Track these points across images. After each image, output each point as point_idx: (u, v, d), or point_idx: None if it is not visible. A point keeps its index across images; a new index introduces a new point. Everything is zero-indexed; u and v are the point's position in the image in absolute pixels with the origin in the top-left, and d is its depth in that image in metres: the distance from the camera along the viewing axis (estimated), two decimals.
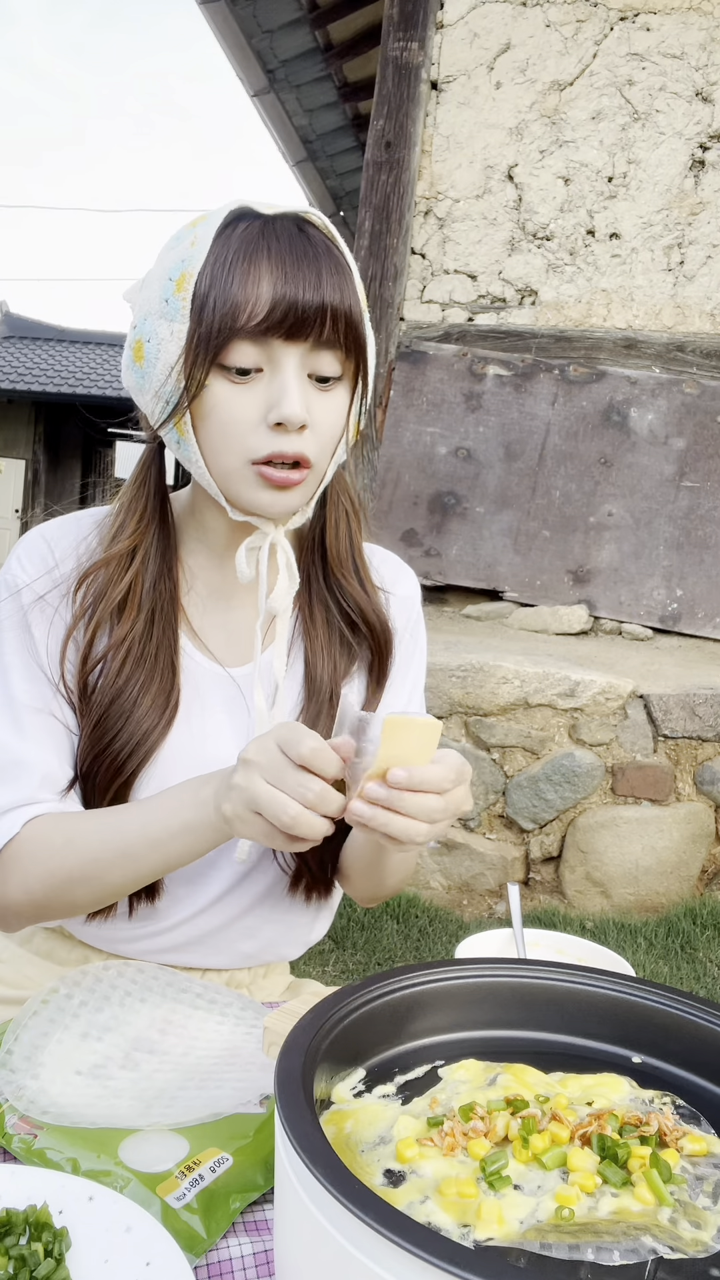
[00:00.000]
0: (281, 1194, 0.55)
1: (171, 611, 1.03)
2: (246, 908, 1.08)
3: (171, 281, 0.91)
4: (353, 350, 0.93)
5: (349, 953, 3.08)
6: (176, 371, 0.91)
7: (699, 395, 4.34)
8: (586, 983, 0.77)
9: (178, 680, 1.02)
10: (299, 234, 0.90)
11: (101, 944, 1.09)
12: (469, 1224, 0.55)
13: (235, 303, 0.87)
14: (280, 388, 0.90)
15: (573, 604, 4.43)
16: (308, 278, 0.88)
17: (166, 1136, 0.76)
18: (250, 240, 0.88)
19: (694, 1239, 0.56)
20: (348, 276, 0.91)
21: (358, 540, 1.09)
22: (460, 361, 4.57)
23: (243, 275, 0.87)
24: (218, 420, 0.91)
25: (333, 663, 1.07)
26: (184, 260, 0.90)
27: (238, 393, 0.91)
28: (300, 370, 0.91)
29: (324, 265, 0.89)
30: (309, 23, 5.70)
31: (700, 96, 4.33)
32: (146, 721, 0.99)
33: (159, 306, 0.92)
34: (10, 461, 16.09)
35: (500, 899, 3.48)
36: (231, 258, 0.88)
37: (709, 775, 3.50)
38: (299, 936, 1.15)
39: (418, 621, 1.18)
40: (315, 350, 0.91)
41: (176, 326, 0.90)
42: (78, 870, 0.95)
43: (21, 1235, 0.65)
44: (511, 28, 4.47)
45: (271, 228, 0.89)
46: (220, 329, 0.88)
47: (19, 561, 1.03)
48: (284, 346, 0.90)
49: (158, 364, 0.92)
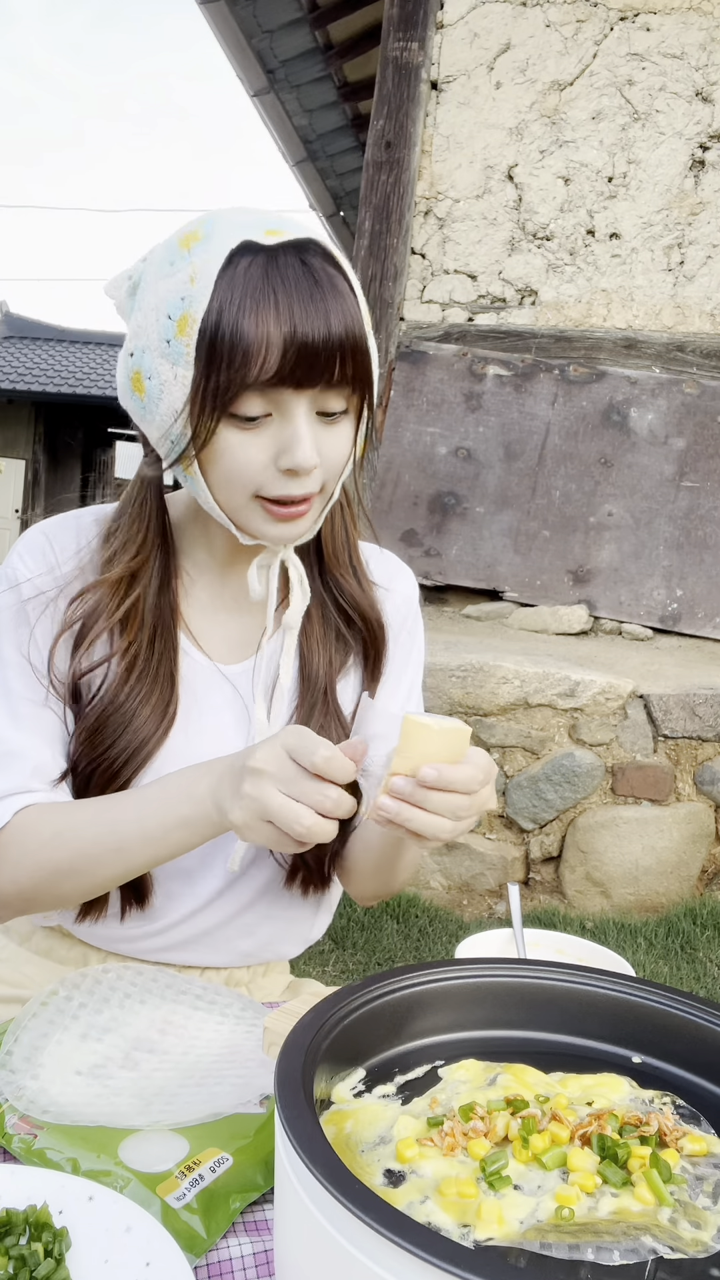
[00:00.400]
0: (281, 1194, 0.55)
1: (172, 625, 1.03)
2: (244, 905, 1.08)
3: (172, 321, 0.87)
4: (360, 383, 0.92)
5: (349, 953, 3.08)
6: (183, 419, 0.89)
7: (699, 395, 4.34)
8: (586, 983, 0.77)
9: (177, 690, 1.03)
10: (303, 269, 0.87)
11: (100, 943, 1.09)
12: (469, 1224, 0.55)
13: (245, 353, 0.85)
14: (292, 436, 0.89)
15: (573, 604, 4.43)
16: (316, 319, 0.86)
17: (166, 1136, 0.76)
18: (255, 281, 0.85)
19: (694, 1239, 0.56)
20: (352, 304, 0.89)
21: (353, 535, 1.10)
22: (460, 361, 4.57)
23: (250, 322, 0.84)
24: (226, 465, 0.91)
25: (327, 658, 1.08)
26: (184, 299, 0.87)
27: (247, 439, 0.89)
28: (310, 414, 0.90)
29: (330, 301, 0.87)
30: (309, 23, 5.70)
31: (700, 96, 4.33)
32: (144, 730, 1.00)
33: (159, 345, 0.89)
34: (10, 461, 16.09)
35: (500, 899, 3.48)
36: (237, 302, 0.85)
37: (709, 775, 3.50)
38: (298, 933, 1.15)
39: (415, 620, 1.18)
40: (325, 392, 0.90)
41: (180, 371, 0.88)
42: (67, 863, 0.95)
43: (21, 1235, 0.66)
44: (511, 28, 4.47)
45: (275, 265, 0.86)
46: (230, 382, 0.86)
47: (20, 557, 1.03)
48: (294, 394, 0.88)
49: (161, 404, 0.90)
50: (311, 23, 5.69)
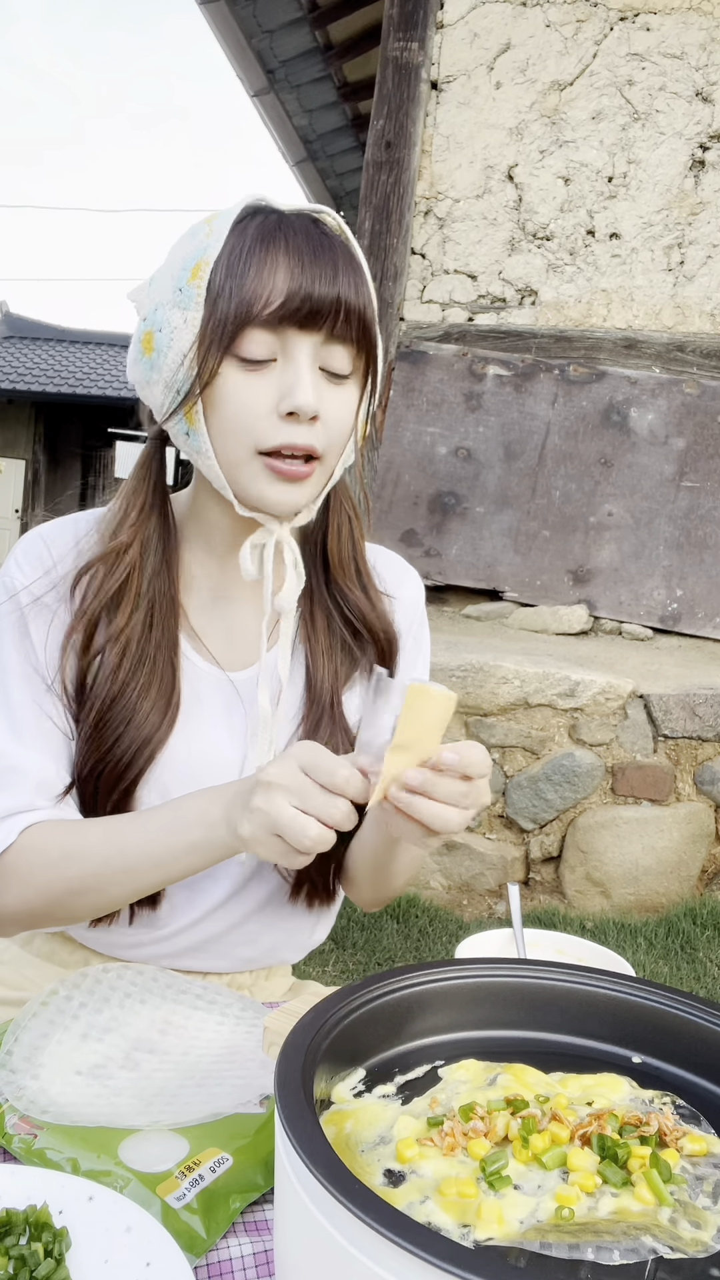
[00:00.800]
0: (281, 1194, 0.55)
1: (171, 611, 1.02)
2: (247, 914, 1.08)
3: (186, 270, 0.91)
4: (364, 347, 0.93)
5: (349, 953, 3.08)
6: (189, 359, 0.90)
7: (699, 395, 4.34)
8: (586, 983, 0.77)
9: (178, 682, 1.01)
10: (315, 228, 0.91)
11: (103, 948, 1.09)
12: (469, 1224, 0.55)
13: (251, 291, 0.87)
14: (294, 377, 0.90)
15: (573, 604, 4.43)
16: (324, 270, 0.88)
17: (166, 1136, 0.76)
18: (267, 232, 0.89)
19: (694, 1239, 0.56)
20: (362, 275, 0.92)
21: (360, 545, 1.09)
22: (460, 361, 4.57)
23: (259, 264, 0.88)
24: (229, 409, 0.91)
25: (334, 669, 1.06)
26: (200, 250, 0.90)
27: (250, 381, 0.90)
28: (313, 361, 0.91)
29: (340, 260, 0.90)
30: (309, 23, 5.70)
31: (700, 96, 4.33)
32: (148, 725, 0.99)
33: (172, 295, 0.92)
34: (10, 461, 16.09)
35: (500, 899, 3.48)
36: (248, 247, 0.88)
37: (709, 775, 3.50)
38: (299, 941, 1.15)
39: (421, 624, 1.17)
40: (328, 343, 0.91)
41: (190, 314, 0.90)
42: (78, 883, 0.94)
43: (21, 1235, 0.65)
44: (511, 28, 4.47)
45: (288, 221, 0.90)
46: (235, 317, 0.88)
47: (16, 564, 1.02)
48: (298, 336, 0.90)
49: (169, 352, 0.92)
50: (311, 23, 5.70)
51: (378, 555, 1.15)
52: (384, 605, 1.10)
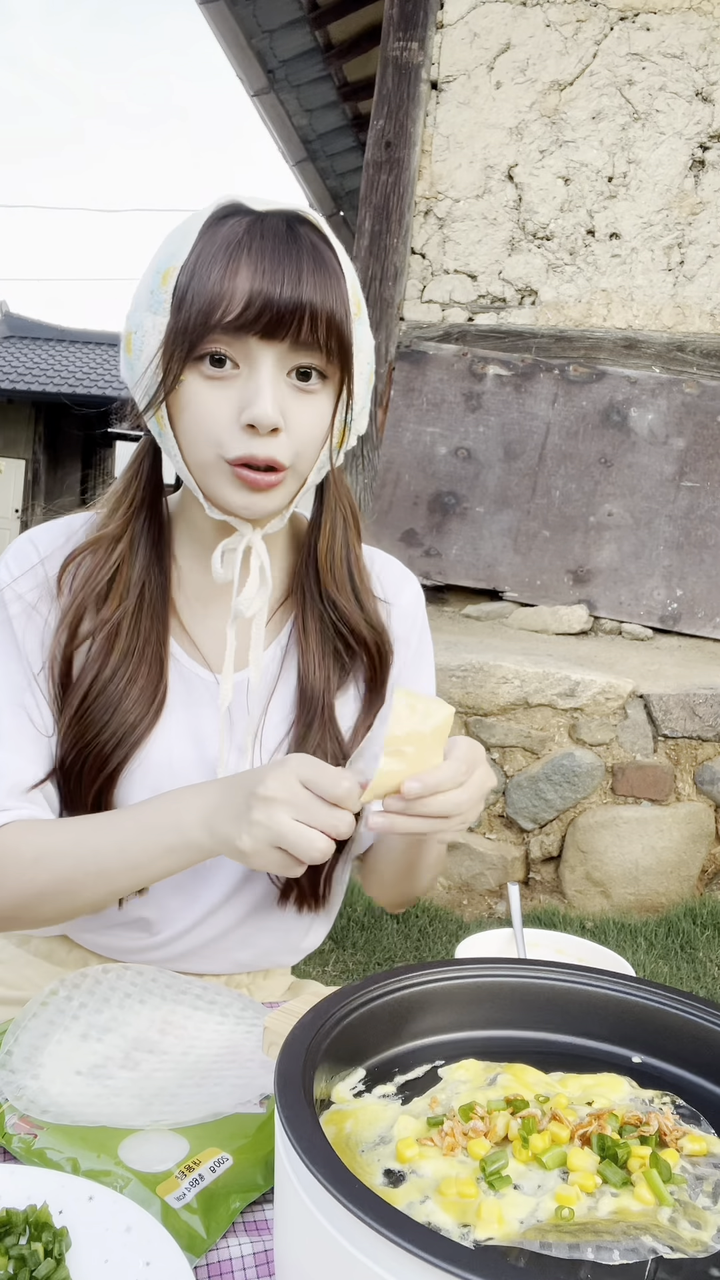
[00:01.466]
0: (281, 1194, 0.55)
1: (161, 605, 1.02)
2: (241, 918, 1.08)
3: (158, 274, 0.90)
4: (335, 353, 0.91)
5: (349, 953, 3.08)
6: (155, 364, 0.90)
7: (699, 395, 4.34)
8: (586, 983, 0.77)
9: (165, 674, 1.01)
10: (287, 232, 0.88)
11: (101, 950, 1.09)
12: (469, 1224, 0.55)
13: (212, 298, 0.86)
14: (254, 389, 0.88)
15: (573, 604, 4.43)
16: (288, 275, 0.86)
17: (166, 1136, 0.76)
18: (234, 236, 0.87)
19: (694, 1239, 0.56)
20: (334, 278, 0.89)
21: (355, 550, 1.07)
22: (460, 361, 4.57)
23: (221, 270, 0.86)
24: (192, 415, 0.91)
25: (325, 674, 1.05)
26: (171, 255, 0.90)
27: (213, 389, 0.89)
28: (277, 371, 0.89)
29: (306, 264, 0.87)
30: (309, 23, 5.70)
31: (700, 96, 4.33)
32: (133, 714, 0.98)
33: (146, 298, 0.92)
34: (10, 461, 16.08)
35: (500, 899, 3.48)
36: (214, 253, 0.87)
37: (709, 775, 3.50)
38: (294, 944, 1.14)
39: (422, 630, 1.16)
40: (295, 351, 0.89)
41: (159, 319, 0.90)
42: (49, 886, 0.94)
43: (21, 1235, 0.65)
44: (511, 28, 4.47)
45: (259, 224, 0.88)
46: (195, 325, 0.87)
47: (4, 565, 1.02)
48: (260, 346, 0.88)
49: (142, 355, 0.92)
50: (311, 23, 5.69)
51: (376, 560, 1.14)
52: (377, 613, 1.08)
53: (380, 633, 1.08)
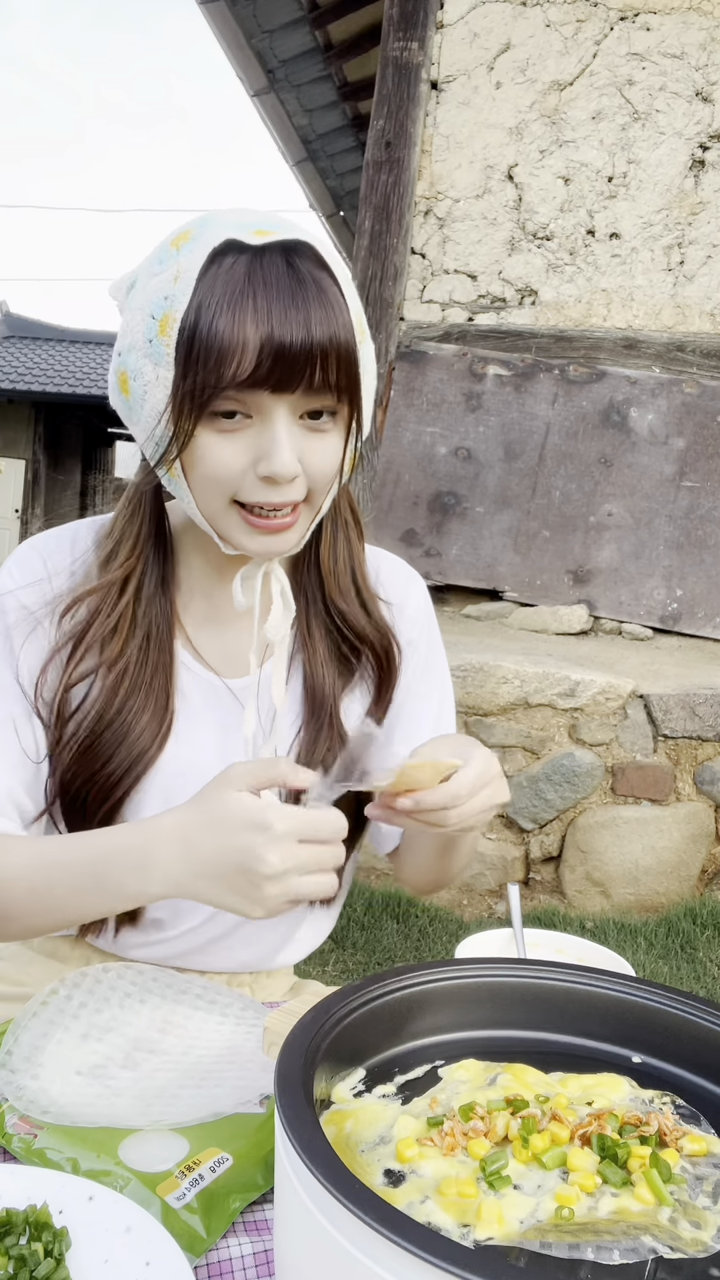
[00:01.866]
0: (281, 1194, 0.55)
1: (167, 634, 1.01)
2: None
3: (155, 321, 0.86)
4: (345, 390, 0.89)
5: (349, 953, 3.08)
6: (165, 420, 0.88)
7: (699, 395, 4.34)
8: (586, 983, 0.77)
9: (172, 702, 1.01)
10: (287, 270, 0.84)
11: (104, 945, 1.09)
12: (469, 1224, 0.56)
13: (220, 355, 0.83)
14: (270, 441, 0.86)
15: (573, 604, 4.43)
16: (295, 323, 0.83)
17: (166, 1136, 0.76)
18: (235, 281, 0.83)
19: (694, 1239, 0.56)
20: (339, 310, 0.86)
21: (358, 555, 1.06)
22: (460, 361, 4.57)
23: (227, 323, 0.83)
24: (207, 468, 0.89)
25: (331, 677, 1.05)
26: (167, 299, 0.86)
27: (226, 442, 0.87)
28: (291, 417, 0.88)
29: (313, 305, 0.84)
30: (309, 23, 5.70)
31: (700, 96, 4.33)
32: (140, 744, 0.98)
33: (143, 344, 0.88)
34: (10, 461, 16.08)
35: (500, 899, 3.48)
36: (215, 302, 0.83)
37: (709, 775, 3.50)
38: (300, 941, 1.15)
39: (432, 633, 1.16)
40: (306, 397, 0.87)
41: (162, 372, 0.86)
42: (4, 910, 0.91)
43: (21, 1235, 0.66)
44: (511, 28, 4.47)
45: (259, 264, 0.84)
46: (205, 384, 0.84)
47: (9, 574, 1.01)
48: (272, 398, 0.86)
49: (145, 405, 0.89)
50: (311, 23, 5.69)
51: (381, 562, 1.13)
52: (382, 617, 1.08)
53: (386, 634, 1.08)
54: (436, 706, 1.16)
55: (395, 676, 1.10)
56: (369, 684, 1.09)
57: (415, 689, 1.13)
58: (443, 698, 1.16)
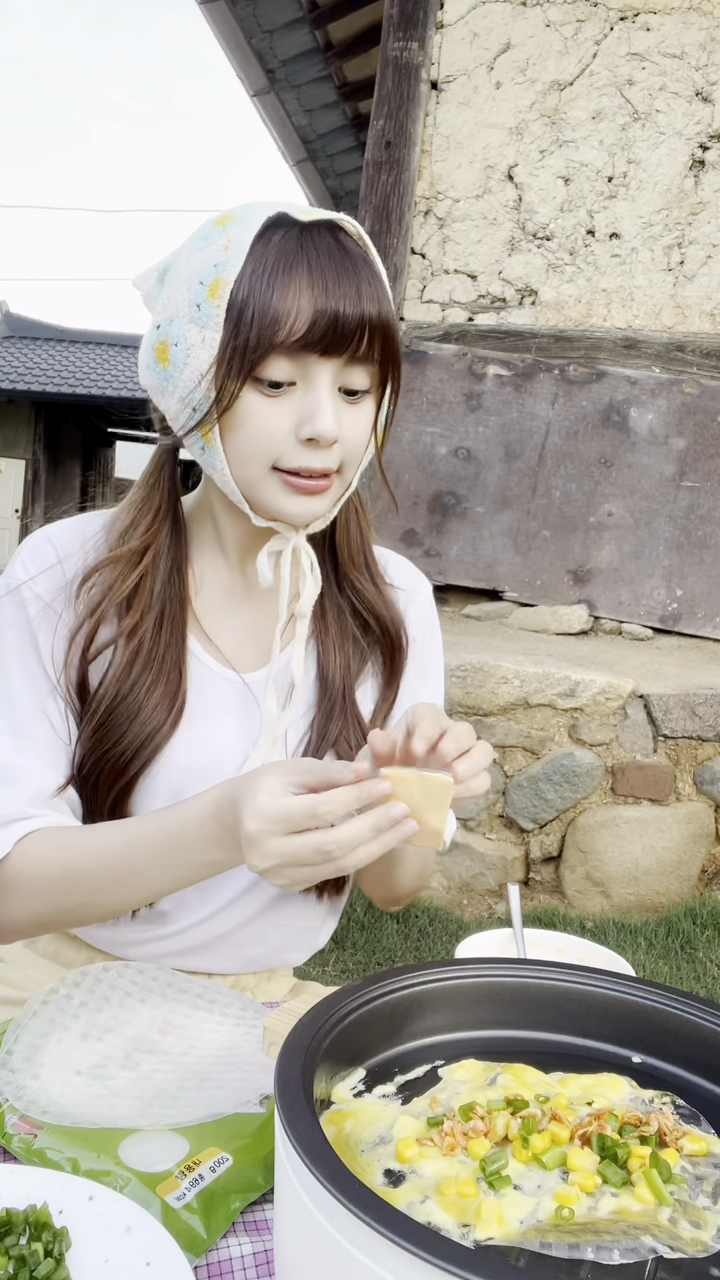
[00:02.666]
0: (281, 1194, 0.55)
1: (180, 614, 1.02)
2: (256, 912, 1.08)
3: (204, 286, 0.88)
4: (386, 362, 0.92)
5: (349, 953, 3.08)
6: (207, 381, 0.89)
7: (699, 395, 4.34)
8: (586, 983, 0.77)
9: (184, 682, 1.01)
10: (336, 244, 0.88)
11: (108, 947, 1.09)
12: (469, 1224, 0.56)
13: (275, 316, 0.85)
14: (314, 404, 0.89)
15: (573, 604, 4.43)
16: (347, 292, 0.87)
17: (166, 1136, 0.76)
18: (289, 250, 0.86)
19: (694, 1239, 0.56)
20: (383, 286, 0.91)
21: (368, 537, 1.09)
22: (460, 361, 4.57)
23: (282, 287, 0.85)
24: (248, 432, 0.90)
25: (345, 662, 1.06)
26: (217, 265, 0.88)
27: (269, 405, 0.89)
28: (333, 385, 0.90)
29: (363, 277, 0.88)
30: (309, 23, 5.69)
31: (700, 96, 4.33)
32: (152, 722, 0.98)
33: (188, 310, 0.89)
34: (10, 461, 16.08)
35: (500, 899, 3.48)
36: (270, 267, 0.86)
37: (709, 775, 3.50)
38: (305, 942, 1.15)
39: (434, 631, 1.17)
40: (349, 365, 0.90)
41: (209, 334, 0.88)
42: (77, 901, 0.95)
43: (21, 1235, 0.66)
44: (511, 28, 4.47)
45: (309, 237, 0.87)
46: (257, 344, 0.86)
47: (21, 564, 1.01)
48: (319, 362, 0.88)
49: (186, 369, 0.90)
50: (311, 23, 5.69)
51: (389, 559, 1.15)
52: (393, 599, 1.10)
53: (396, 615, 1.10)
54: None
55: (404, 661, 1.11)
56: (379, 671, 1.10)
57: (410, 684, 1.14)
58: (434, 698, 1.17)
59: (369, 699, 1.10)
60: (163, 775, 1.00)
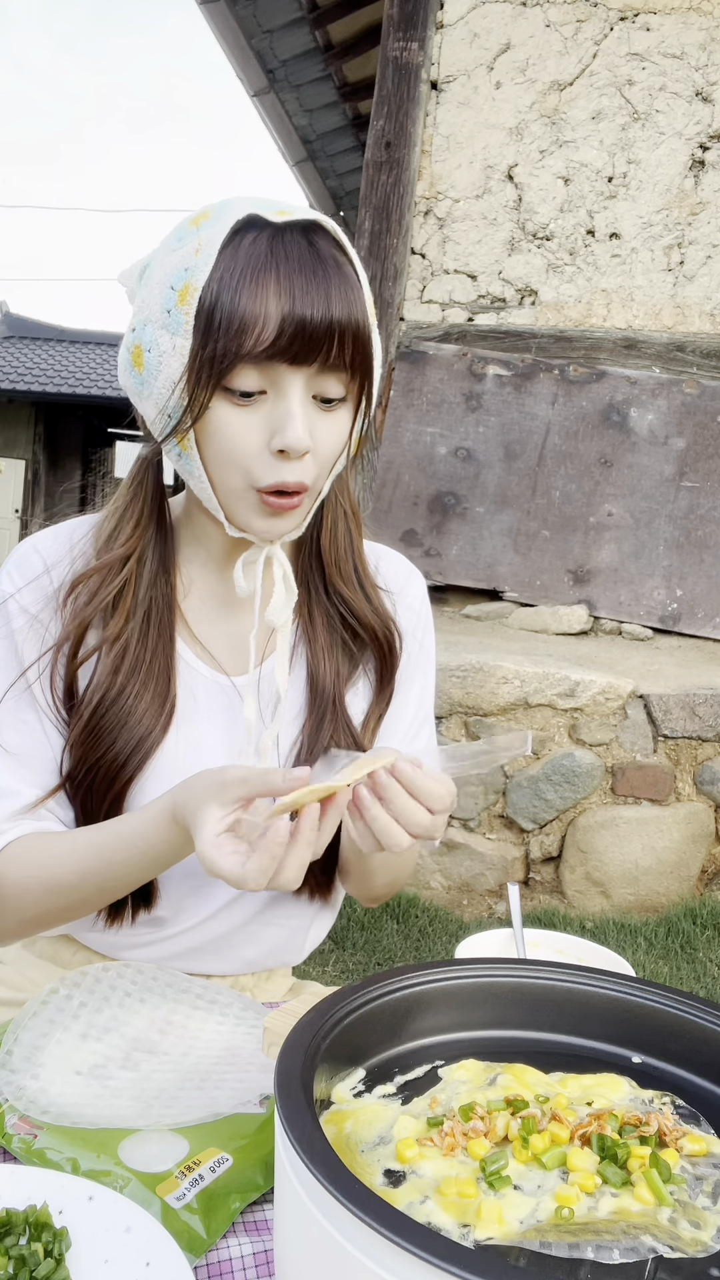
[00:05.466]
0: (281, 1194, 0.55)
1: (168, 617, 1.01)
2: (251, 914, 1.08)
3: (174, 291, 0.87)
4: (359, 370, 0.90)
5: (349, 953, 3.08)
6: (179, 389, 0.88)
7: (699, 395, 4.34)
8: (586, 983, 0.77)
9: (174, 685, 1.01)
10: (308, 248, 0.86)
11: (106, 950, 1.09)
12: (469, 1224, 0.55)
13: (241, 325, 0.84)
14: (284, 414, 0.87)
15: (573, 604, 4.43)
16: (316, 298, 0.85)
17: (166, 1136, 0.76)
18: (258, 255, 0.85)
19: (694, 1239, 0.56)
20: (356, 290, 0.88)
21: (357, 543, 1.07)
22: (460, 361, 4.57)
23: (250, 295, 0.84)
24: (221, 442, 0.89)
25: (335, 667, 1.06)
26: (187, 269, 0.87)
27: (240, 415, 0.88)
28: (305, 394, 0.89)
29: (333, 283, 0.86)
30: (309, 23, 5.69)
31: (700, 96, 4.33)
32: (142, 726, 0.98)
33: (160, 316, 0.88)
34: (10, 461, 16.08)
35: (500, 899, 3.48)
36: (238, 274, 0.84)
37: (709, 775, 3.50)
38: (301, 941, 1.15)
39: (426, 627, 1.16)
40: (322, 373, 0.89)
41: (179, 341, 0.87)
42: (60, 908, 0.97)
43: (21, 1235, 0.66)
44: (511, 28, 4.47)
45: (280, 241, 0.85)
46: (225, 353, 0.85)
47: (8, 575, 1.01)
48: (289, 371, 0.87)
49: (159, 376, 0.90)
50: (311, 23, 5.69)
51: (382, 556, 1.14)
52: (384, 605, 1.09)
53: (387, 622, 1.08)
54: (416, 700, 1.15)
55: (396, 666, 1.10)
56: (371, 676, 1.10)
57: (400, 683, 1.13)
58: (423, 693, 1.16)
59: (361, 703, 1.09)
60: (155, 780, 0.99)
